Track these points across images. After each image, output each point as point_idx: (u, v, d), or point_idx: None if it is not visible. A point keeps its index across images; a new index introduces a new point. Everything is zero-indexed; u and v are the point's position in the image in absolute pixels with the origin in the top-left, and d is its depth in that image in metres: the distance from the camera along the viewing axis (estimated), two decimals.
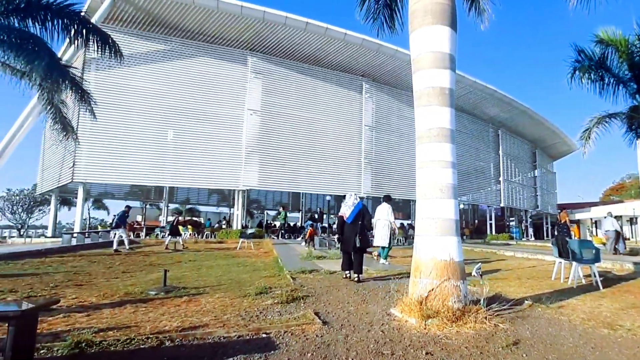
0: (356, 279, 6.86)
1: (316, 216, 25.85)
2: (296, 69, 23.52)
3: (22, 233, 35.58)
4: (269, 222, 36.26)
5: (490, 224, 34.35)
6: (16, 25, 11.60)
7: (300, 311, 4.56)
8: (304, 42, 22.17)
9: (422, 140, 5.01)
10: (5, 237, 29.82)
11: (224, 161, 21.17)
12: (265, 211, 42.49)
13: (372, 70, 25.12)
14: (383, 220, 9.76)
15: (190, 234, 20.77)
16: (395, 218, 10.34)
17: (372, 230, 10.15)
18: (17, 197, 39.78)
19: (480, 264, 5.38)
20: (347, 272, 7.22)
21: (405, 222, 33.86)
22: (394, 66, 24.54)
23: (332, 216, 35.30)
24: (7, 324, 2.66)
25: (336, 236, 8.54)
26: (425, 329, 3.97)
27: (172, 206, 35.55)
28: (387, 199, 10.28)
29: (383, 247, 9.96)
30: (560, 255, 7.68)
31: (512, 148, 35.96)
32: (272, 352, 3.27)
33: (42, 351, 3.12)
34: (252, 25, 20.67)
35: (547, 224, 42.36)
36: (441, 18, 5.06)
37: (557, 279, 7.61)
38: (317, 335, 3.70)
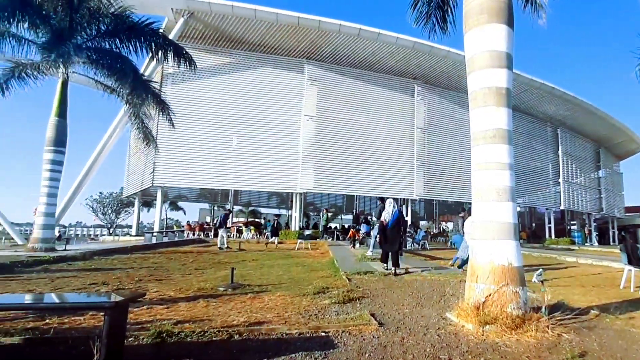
0: (394, 271, 7.83)
1: (369, 218, 25.55)
2: (350, 75, 23.48)
3: (111, 232, 38.38)
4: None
5: (549, 228, 31.82)
6: (106, 46, 12.63)
7: (357, 312, 4.54)
8: (357, 48, 22.07)
9: (478, 141, 4.77)
10: (97, 235, 32.42)
11: (282, 165, 21.65)
12: (321, 213, 42.75)
13: (424, 73, 24.36)
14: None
15: (252, 235, 21.35)
16: (448, 221, 10.29)
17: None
18: (107, 200, 42.93)
19: (541, 269, 5.04)
20: (384, 264, 8.31)
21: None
22: (446, 67, 23.62)
23: None
24: (103, 314, 2.84)
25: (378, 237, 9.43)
26: (483, 335, 3.78)
27: (236, 208, 36.72)
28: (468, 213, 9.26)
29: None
30: (630, 262, 6.96)
31: (572, 147, 32.96)
32: (331, 350, 3.29)
33: (130, 339, 3.34)
34: (308, 35, 21.01)
35: (613, 228, 38.13)
36: (497, 16, 4.79)
37: (627, 288, 6.88)
38: (373, 337, 3.67)
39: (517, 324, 3.86)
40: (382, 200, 13.33)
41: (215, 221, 18.28)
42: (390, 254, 8.23)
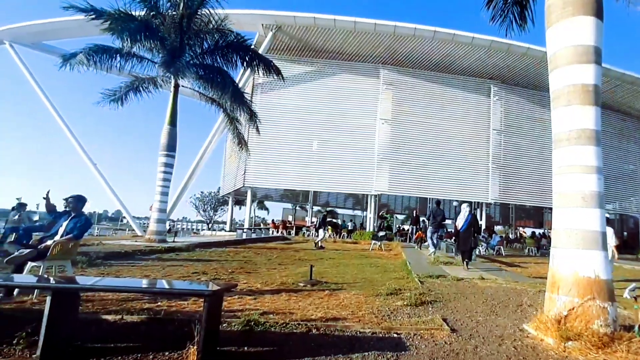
0: (466, 265, 8.81)
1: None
2: (424, 77, 22.80)
3: (209, 227, 41.45)
4: (398, 225, 35.55)
5: None
6: (209, 62, 13.75)
7: (429, 315, 4.37)
8: (432, 50, 21.35)
9: (561, 143, 4.27)
10: (198, 229, 35.27)
11: (358, 168, 21.73)
12: (395, 215, 41.86)
13: (500, 72, 22.68)
14: None
15: (329, 235, 21.61)
16: (526, 226, 9.85)
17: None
18: (207, 198, 46.48)
19: (634, 284, 4.41)
20: (459, 258, 9.27)
21: (537, 231, 29.54)
22: (525, 66, 21.70)
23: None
24: (203, 300, 3.09)
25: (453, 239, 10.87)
26: (564, 351, 3.39)
27: (315, 208, 37.46)
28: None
29: None
30: None
31: None
32: (403, 352, 3.23)
33: (224, 325, 3.60)
34: (384, 40, 20.90)
35: None
36: (584, 7, 4.27)
37: None
38: (445, 342, 3.52)
39: (604, 342, 3.38)
40: (438, 203, 13.81)
41: (314, 222, 19.44)
42: (462, 252, 9.21)
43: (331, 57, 22.59)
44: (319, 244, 14.85)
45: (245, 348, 3.18)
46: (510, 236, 31.43)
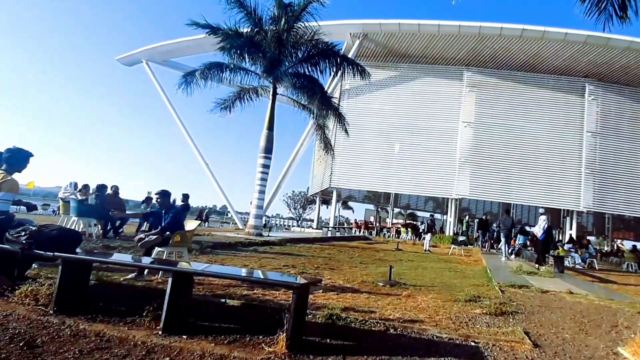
0: (537, 267, 9.50)
1: (526, 229, 21.93)
2: (509, 78, 20.81)
3: (299, 224, 43.07)
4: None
5: None
6: (301, 70, 14.31)
7: (509, 327, 3.96)
8: (519, 50, 19.39)
9: None
10: (289, 225, 36.88)
11: (438, 171, 20.71)
12: (476, 220, 38.91)
13: (597, 69, 19.54)
14: None
15: (409, 236, 20.94)
16: (625, 239, 8.39)
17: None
18: (297, 197, 48.42)
19: None
20: (536, 265, 9.91)
21: (639, 245, 24.94)
22: (626, 61, 18.43)
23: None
24: (292, 292, 3.24)
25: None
26: None
27: (396, 210, 36.57)
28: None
29: None
30: None
31: None
32: None
33: (309, 316, 3.72)
34: (468, 42, 19.69)
35: None
36: None
37: None
38: (527, 357, 3.14)
39: None
40: (507, 212, 14.17)
41: (422, 226, 19.50)
42: (538, 258, 10.28)
43: (414, 61, 21.93)
44: (427, 249, 14.48)
45: (328, 340, 3.25)
46: (606, 249, 27.04)
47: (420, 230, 20.49)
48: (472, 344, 3.37)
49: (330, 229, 21.83)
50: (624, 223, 29.35)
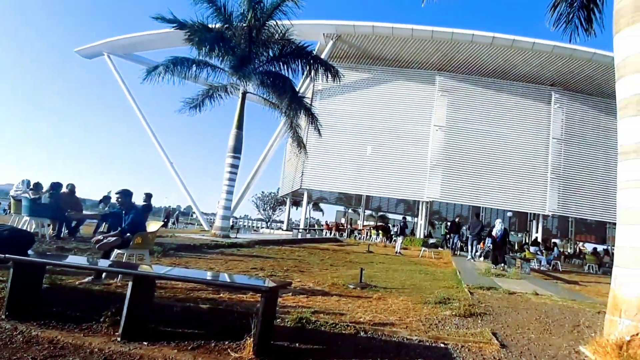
0: (495, 267, 10.71)
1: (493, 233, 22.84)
2: (481, 84, 21.67)
3: (268, 225, 42.75)
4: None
5: None
6: (272, 69, 14.22)
7: (478, 328, 4.11)
8: (490, 57, 20.28)
9: (627, 156, 3.82)
10: (258, 227, 36.51)
11: (410, 174, 21.24)
12: (447, 222, 40.24)
13: (563, 78, 20.88)
14: None
15: (380, 239, 21.29)
16: (586, 241, 8.91)
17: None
18: (267, 198, 48.07)
19: None
20: (493, 265, 11.00)
21: (600, 247, 26.66)
22: (589, 72, 19.80)
23: (511, 233, 30.66)
24: (260, 295, 3.20)
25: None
26: None
27: (367, 212, 37.09)
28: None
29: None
30: None
31: None
32: None
33: (277, 320, 3.68)
34: (440, 47, 20.31)
35: None
36: None
37: None
38: (494, 357, 3.28)
39: None
40: (477, 215, 15.29)
41: (394, 229, 19.77)
42: (497, 257, 11.41)
43: (388, 64, 22.38)
44: (398, 252, 14.67)
45: (297, 344, 3.23)
46: (569, 251, 28.78)
47: (392, 233, 20.87)
48: (442, 345, 3.47)
49: (300, 230, 21.80)
50: (586, 226, 31.37)
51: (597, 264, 18.22)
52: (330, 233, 23.74)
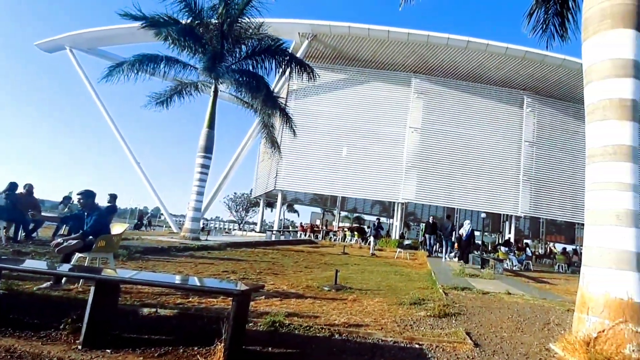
0: (461, 263, 11.87)
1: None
2: (456, 87, 22.40)
3: (240, 227, 42.22)
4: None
5: None
6: (245, 67, 14.09)
7: (452, 328, 4.24)
8: (465, 60, 20.97)
9: (595, 159, 4.07)
10: (230, 229, 36.00)
11: (385, 175, 21.60)
12: (421, 224, 41.13)
13: (534, 83, 21.88)
14: None
15: (356, 240, 21.48)
16: (557, 241, 9.37)
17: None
18: (240, 199, 47.40)
19: None
20: (462, 262, 12.08)
21: (569, 247, 28.01)
22: (560, 77, 20.88)
23: (485, 234, 31.67)
24: (231, 299, 3.16)
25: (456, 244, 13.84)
26: None
27: (343, 213, 37.35)
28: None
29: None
30: None
31: None
32: None
33: (250, 324, 3.65)
34: (416, 49, 20.81)
35: None
36: (623, 20, 4.05)
37: None
38: (468, 357, 3.40)
39: None
40: (449, 217, 16.57)
41: (368, 231, 19.86)
42: (463, 254, 12.66)
43: (364, 65, 22.65)
44: (373, 253, 14.80)
45: (270, 348, 3.22)
46: (540, 251, 30.08)
47: (368, 235, 21.05)
48: (417, 346, 3.55)
49: (274, 232, 21.67)
50: (556, 227, 32.95)
51: (567, 263, 19.17)
52: (305, 235, 23.71)
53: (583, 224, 4.32)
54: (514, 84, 22.33)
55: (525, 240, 27.74)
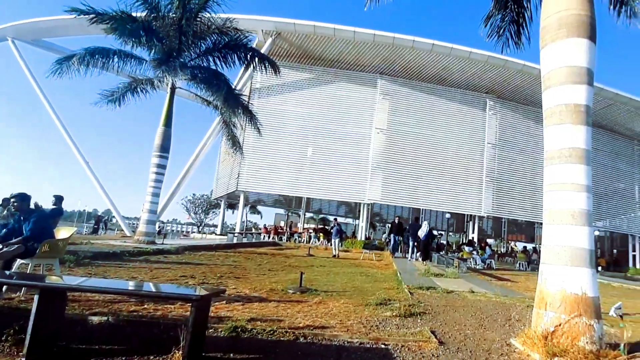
0: (422, 261, 13.20)
1: (434, 232, 24.27)
2: (421, 89, 23.09)
3: (200, 230, 41.18)
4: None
5: (634, 256, 27.36)
6: (205, 64, 13.80)
7: (417, 327, 4.39)
8: (430, 63, 21.67)
9: (552, 161, 4.35)
10: (188, 232, 35.02)
11: (351, 176, 21.89)
12: (387, 224, 42.03)
13: (497, 87, 23.00)
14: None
15: (321, 241, 21.57)
16: (518, 240, 9.93)
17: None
18: (199, 201, 46.23)
19: (620, 302, 4.46)
20: (424, 261, 13.35)
21: (529, 246, 29.64)
22: (520, 82, 22.07)
23: (450, 234, 32.80)
24: (190, 305, 3.09)
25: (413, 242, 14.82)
26: None
27: (308, 215, 37.39)
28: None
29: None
30: None
31: None
32: None
33: (210, 330, 3.59)
34: (382, 51, 21.18)
35: None
36: (578, 30, 4.38)
37: None
38: (433, 355, 3.53)
39: (589, 359, 3.45)
40: (417, 219, 17.65)
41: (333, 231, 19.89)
42: (422, 253, 13.83)
43: (329, 65, 22.78)
44: (336, 254, 14.85)
45: (231, 355, 3.16)
46: (502, 250, 31.66)
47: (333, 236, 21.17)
48: (382, 346, 3.63)
49: (236, 234, 21.30)
50: (517, 226, 34.85)
51: (527, 261, 20.36)
52: (269, 237, 23.50)
53: (542, 223, 4.60)
54: (477, 87, 23.36)
55: (487, 240, 29.12)
